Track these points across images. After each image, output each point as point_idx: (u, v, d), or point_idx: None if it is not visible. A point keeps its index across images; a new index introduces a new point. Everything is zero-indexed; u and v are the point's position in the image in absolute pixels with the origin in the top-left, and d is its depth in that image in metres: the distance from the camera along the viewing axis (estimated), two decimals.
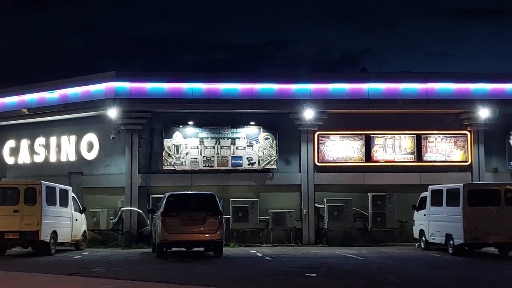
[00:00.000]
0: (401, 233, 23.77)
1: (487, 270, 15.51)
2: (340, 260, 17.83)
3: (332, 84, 24.18)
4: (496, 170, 24.46)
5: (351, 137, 24.38)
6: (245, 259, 18.36)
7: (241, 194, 23.84)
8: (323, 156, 24.27)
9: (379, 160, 24.36)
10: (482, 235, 18.64)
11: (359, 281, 13.56)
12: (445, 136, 24.46)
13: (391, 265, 16.65)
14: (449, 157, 24.40)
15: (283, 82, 24.14)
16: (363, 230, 23.92)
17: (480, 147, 24.28)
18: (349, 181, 24.15)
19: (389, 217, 23.47)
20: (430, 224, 20.88)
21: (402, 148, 24.42)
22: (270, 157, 23.97)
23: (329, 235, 23.59)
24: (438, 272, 15.09)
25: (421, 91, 24.06)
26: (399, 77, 24.73)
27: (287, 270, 15.52)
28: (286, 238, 23.73)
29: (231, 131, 23.99)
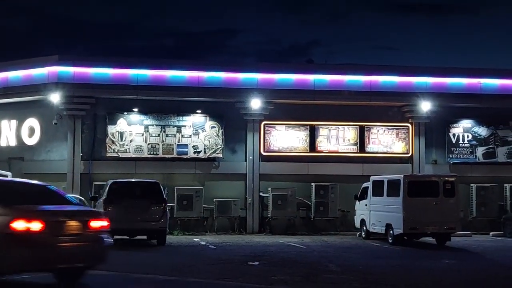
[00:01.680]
0: (342, 223, 24.22)
1: (425, 260, 15.98)
2: (282, 249, 18.04)
3: (279, 74, 24.31)
4: (436, 162, 25.18)
5: (297, 127, 24.61)
6: (189, 248, 18.34)
7: (186, 182, 23.75)
8: (269, 145, 24.43)
9: (323, 151, 24.70)
10: (420, 225, 19.17)
11: (300, 269, 13.77)
12: (387, 128, 25.00)
13: (332, 253, 16.96)
14: (390, 149, 24.96)
15: (230, 71, 24.12)
16: (306, 219, 24.25)
17: (421, 139, 24.94)
18: (294, 170, 24.40)
19: (332, 206, 23.87)
20: (371, 214, 21.34)
21: (346, 139, 24.82)
22: (216, 146, 23.95)
23: (273, 223, 23.81)
24: (377, 261, 15.46)
25: (365, 84, 24.48)
26: (344, 69, 25.09)
27: (230, 258, 15.59)
28: (231, 226, 23.81)
29: (177, 119, 23.83)
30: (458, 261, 15.62)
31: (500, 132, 25.37)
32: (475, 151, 25.20)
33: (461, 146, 25.14)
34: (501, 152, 25.30)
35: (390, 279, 12.50)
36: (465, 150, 25.17)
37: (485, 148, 25.26)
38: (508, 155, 25.32)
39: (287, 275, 12.79)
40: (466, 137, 25.19)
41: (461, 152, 25.16)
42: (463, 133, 25.22)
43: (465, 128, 25.24)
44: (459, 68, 25.93)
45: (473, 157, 25.16)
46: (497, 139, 25.32)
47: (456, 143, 25.13)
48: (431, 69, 25.44)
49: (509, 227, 22.88)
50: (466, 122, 25.29)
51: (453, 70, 25.54)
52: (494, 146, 25.30)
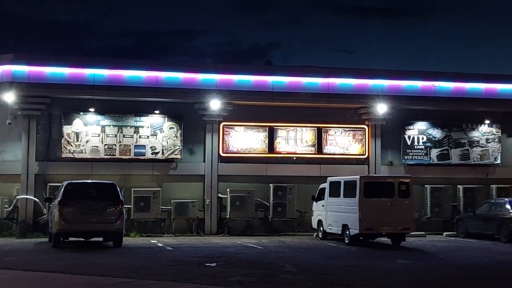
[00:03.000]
0: (300, 223, 24.38)
1: (380, 259, 16.25)
2: (240, 250, 18.08)
3: (238, 75, 24.32)
4: (391, 163, 25.61)
5: (255, 129, 24.68)
6: (145, 249, 18.20)
7: (144, 183, 23.54)
8: (228, 146, 24.43)
9: (281, 152, 24.84)
10: (376, 226, 19.48)
11: (257, 270, 13.83)
12: (345, 130, 25.30)
13: (289, 254, 17.08)
14: (347, 150, 25.27)
15: (189, 72, 24.00)
16: (264, 220, 24.34)
17: (377, 141, 25.32)
18: (252, 171, 24.46)
19: (289, 207, 24.02)
20: (328, 215, 21.56)
21: (304, 140, 25.02)
22: (174, 147, 23.81)
23: (231, 225, 23.82)
24: (333, 262, 15.65)
25: (323, 86, 24.71)
26: (303, 71, 25.28)
27: (187, 259, 15.55)
28: (188, 228, 23.70)
29: (134, 119, 23.59)
30: (412, 261, 15.93)
31: (454, 134, 25.96)
32: (430, 152, 25.72)
33: (416, 148, 25.63)
34: (454, 154, 25.89)
35: (345, 279, 12.67)
36: (420, 152, 25.67)
37: (439, 150, 25.80)
38: (461, 156, 25.93)
39: (243, 276, 12.84)
40: (421, 139, 25.70)
41: (416, 153, 25.65)
42: (418, 135, 25.71)
43: (420, 130, 25.74)
44: (414, 71, 26.39)
45: (428, 159, 25.68)
46: (450, 141, 25.90)
47: (411, 145, 25.61)
48: (386, 72, 25.83)
49: (462, 227, 23.45)
50: (421, 124, 25.78)
51: (408, 73, 25.99)
52: (448, 148, 25.87)
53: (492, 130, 26.15)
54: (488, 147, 26.06)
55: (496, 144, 26.11)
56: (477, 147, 25.99)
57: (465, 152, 25.94)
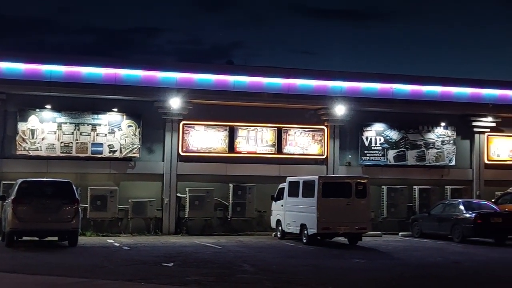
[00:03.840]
0: (259, 223, 24.44)
1: (336, 259, 16.43)
2: (198, 249, 18.03)
3: (199, 74, 24.22)
4: (350, 164, 25.90)
5: (216, 128, 24.63)
6: (102, 249, 17.98)
7: (101, 182, 23.21)
8: (187, 146, 24.32)
9: (241, 152, 24.85)
10: (333, 226, 19.69)
11: (215, 269, 13.83)
12: (304, 130, 25.48)
13: (247, 253, 17.12)
14: (307, 150, 25.46)
15: (149, 69, 23.78)
16: (223, 219, 24.31)
17: (335, 141, 25.57)
18: (212, 171, 24.41)
19: (249, 207, 24.05)
20: (286, 214, 21.68)
21: (264, 140, 25.10)
22: (132, 145, 23.57)
23: (190, 224, 23.72)
24: (291, 261, 15.75)
25: (284, 86, 24.84)
26: (264, 72, 25.34)
27: (144, 259, 15.43)
28: (146, 227, 23.50)
29: (92, 117, 23.26)
30: (368, 260, 16.15)
31: (410, 136, 26.42)
32: (387, 154, 26.12)
33: (374, 149, 26.00)
34: (411, 155, 26.36)
35: (302, 278, 12.78)
36: (377, 153, 26.05)
37: (396, 151, 26.23)
38: (417, 158, 26.40)
39: (201, 275, 12.82)
40: (378, 140, 26.07)
41: (373, 154, 26.01)
42: (375, 136, 26.08)
43: (377, 132, 26.11)
44: (373, 73, 26.76)
45: (385, 160, 26.07)
46: (407, 142, 26.35)
47: (368, 146, 25.95)
48: (346, 74, 26.11)
49: (417, 227, 23.88)
50: (379, 125, 26.16)
51: (367, 75, 26.33)
52: (404, 149, 26.31)
53: (447, 132, 26.72)
54: (443, 149, 26.61)
55: (451, 146, 26.68)
56: (432, 149, 26.51)
57: (421, 153, 26.43)
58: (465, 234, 21.30)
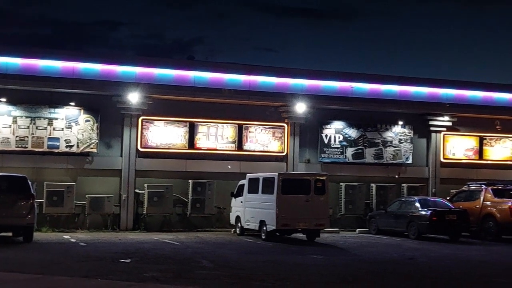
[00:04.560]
0: (218, 219, 24.43)
1: (294, 255, 16.54)
2: (157, 246, 17.90)
3: (159, 69, 24.02)
4: (309, 161, 26.09)
5: (176, 124, 24.48)
6: (58, 245, 17.69)
7: (57, 177, 22.81)
8: (146, 141, 24.10)
9: (201, 148, 24.76)
10: (292, 222, 19.82)
11: (173, 265, 13.76)
12: (265, 127, 25.55)
13: (206, 250, 17.08)
14: (267, 147, 25.53)
15: (108, 63, 23.46)
16: (182, 216, 24.20)
17: (295, 139, 25.72)
18: (171, 167, 24.26)
19: (208, 203, 23.99)
20: (246, 211, 21.72)
21: (224, 137, 25.06)
22: (90, 140, 23.22)
23: (148, 220, 23.52)
24: (249, 257, 15.79)
25: (245, 83, 24.84)
26: (225, 68, 25.29)
27: (102, 255, 15.25)
28: (103, 223, 23.21)
29: (48, 110, 22.82)
30: (325, 256, 16.31)
31: (369, 134, 26.78)
32: (345, 151, 26.41)
33: (333, 147, 26.25)
34: (369, 153, 26.72)
35: (260, 274, 12.82)
36: (336, 151, 26.31)
37: (354, 149, 26.54)
38: (375, 156, 26.78)
39: (159, 272, 12.73)
40: (337, 138, 26.33)
41: (332, 152, 26.27)
42: (334, 134, 26.33)
43: (336, 130, 26.37)
44: (333, 72, 26.99)
45: (343, 157, 26.35)
46: (365, 140, 26.70)
47: (328, 144, 26.19)
48: (306, 71, 26.28)
49: (374, 224, 24.24)
50: (338, 123, 26.42)
51: (327, 73, 26.55)
52: (362, 147, 26.65)
53: (405, 131, 27.17)
54: (400, 147, 27.06)
55: (408, 145, 27.15)
56: (390, 147, 26.93)
57: (378, 151, 26.82)
58: (420, 231, 21.71)
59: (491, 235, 21.74)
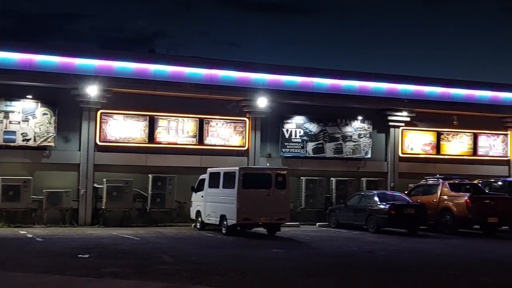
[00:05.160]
0: (179, 214, 24.28)
1: (255, 249, 16.59)
2: (116, 241, 17.70)
3: (119, 62, 23.70)
4: (270, 155, 26.16)
5: (135, 118, 24.21)
6: (14, 240, 17.34)
7: (14, 172, 22.29)
8: (105, 135, 23.77)
9: (162, 142, 24.56)
10: (253, 216, 19.85)
11: (133, 260, 13.63)
12: (226, 122, 25.49)
13: (166, 245, 16.97)
14: (228, 142, 25.49)
15: (66, 56, 23.03)
16: (142, 210, 23.97)
17: (257, 133, 25.75)
18: (131, 161, 24.00)
19: (169, 198, 23.83)
20: (206, 205, 21.65)
21: (185, 131, 24.90)
22: (47, 134, 22.78)
23: (107, 215, 23.22)
24: (210, 251, 15.76)
25: (206, 77, 24.72)
26: (186, 61, 25.11)
27: (59, 251, 15.01)
28: (61, 218, 22.81)
29: (4, 103, 22.25)
30: (286, 250, 16.40)
31: (329, 129, 26.99)
32: (306, 146, 26.56)
33: (293, 141, 26.37)
34: (329, 147, 26.94)
35: (221, 268, 12.81)
36: (297, 145, 26.44)
37: (315, 143, 26.72)
38: (335, 150, 27.01)
39: (118, 267, 12.60)
40: (298, 133, 26.47)
41: (293, 146, 26.39)
42: (295, 128, 26.46)
43: (297, 124, 26.50)
44: (295, 67, 27.12)
45: (304, 152, 26.51)
46: (326, 135, 26.91)
47: (289, 138, 26.30)
48: (268, 66, 26.32)
49: (334, 218, 24.48)
50: (299, 118, 26.55)
51: (289, 68, 26.66)
52: (323, 142, 26.86)
53: (364, 126, 27.48)
54: (360, 142, 27.37)
55: (367, 140, 27.48)
56: (350, 142, 27.20)
57: (338, 146, 27.07)
58: (379, 225, 22.01)
59: (448, 229, 22.19)
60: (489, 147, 29.63)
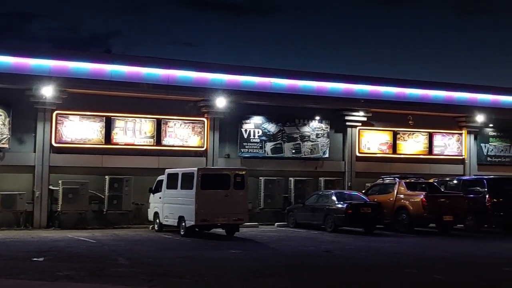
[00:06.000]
0: (136, 216, 24.04)
1: (213, 250, 16.55)
2: (71, 244, 17.44)
3: (75, 62, 23.35)
4: (229, 156, 26.15)
5: (92, 118, 23.88)
6: None
7: None
8: (61, 136, 23.38)
9: (119, 143, 24.28)
10: (211, 217, 19.80)
11: (88, 263, 13.45)
12: (184, 122, 25.37)
13: (123, 247, 16.80)
14: (186, 142, 25.37)
15: (20, 56, 22.59)
16: (99, 212, 23.65)
17: (215, 134, 25.70)
18: (88, 163, 23.67)
19: (126, 199, 23.58)
20: (164, 207, 21.50)
21: (142, 131, 24.69)
22: (1, 136, 22.29)
23: (63, 218, 22.83)
24: (167, 253, 15.66)
25: (163, 77, 24.55)
26: (143, 62, 24.88)
27: (13, 254, 14.72)
28: (16, 221, 22.34)
29: None
30: (244, 251, 16.42)
31: (287, 129, 27.14)
32: (264, 146, 26.65)
33: (252, 141, 26.42)
34: (287, 147, 27.09)
35: (178, 270, 12.75)
36: (256, 145, 26.51)
37: (273, 143, 26.83)
38: (293, 150, 27.16)
39: (73, 270, 12.41)
40: (257, 133, 26.54)
41: (251, 147, 26.44)
42: (254, 129, 26.52)
43: (256, 124, 26.56)
44: (252, 67, 27.18)
45: (263, 152, 26.58)
46: (284, 135, 27.05)
47: (247, 138, 26.34)
48: (226, 66, 26.30)
49: (292, 217, 24.62)
50: (257, 118, 26.61)
51: (246, 68, 26.70)
52: (281, 142, 26.99)
53: (322, 126, 27.72)
54: (318, 142, 27.60)
55: (325, 139, 27.73)
56: (308, 142, 27.41)
57: (297, 146, 27.25)
58: (337, 224, 22.24)
59: (404, 227, 22.53)
60: (444, 147, 30.25)
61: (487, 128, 30.73)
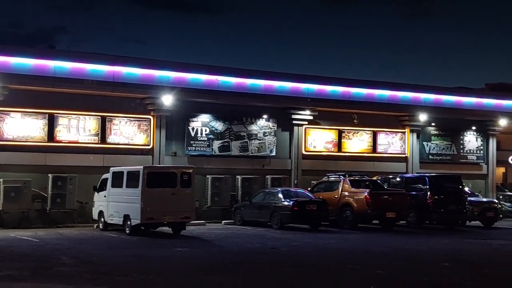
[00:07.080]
0: (80, 214, 23.65)
1: (159, 248, 16.45)
2: (13, 243, 17.03)
3: (16, 58, 22.73)
4: (175, 154, 26.01)
5: (34, 116, 23.33)
6: None
7: None
8: (2, 134, 22.77)
9: (62, 141, 23.81)
10: (158, 216, 19.65)
11: (30, 263, 13.18)
12: (130, 120, 25.08)
13: (67, 246, 16.51)
14: (132, 140, 25.09)
15: None
16: (42, 211, 23.13)
17: (162, 131, 25.51)
18: (30, 161, 23.12)
19: (69, 198, 23.14)
20: (109, 205, 21.22)
21: (87, 129, 24.27)
22: None
23: (4, 217, 22.21)
24: (112, 252, 15.47)
25: (109, 74, 24.18)
26: (87, 58, 24.42)
27: None
28: None
29: None
30: (190, 249, 16.39)
31: (235, 127, 27.20)
32: (212, 144, 26.63)
33: (199, 140, 26.36)
34: (235, 146, 27.15)
35: (123, 269, 12.63)
36: (203, 143, 26.46)
37: (221, 141, 26.84)
38: (241, 148, 27.26)
39: (15, 270, 12.14)
40: (204, 131, 26.49)
41: (199, 145, 26.38)
42: (201, 127, 26.46)
43: (203, 123, 26.51)
44: (200, 65, 27.06)
45: (210, 150, 26.56)
46: (231, 133, 27.10)
47: (194, 136, 26.26)
48: (173, 64, 26.13)
49: (239, 215, 24.70)
50: (205, 116, 26.57)
51: (194, 66, 26.58)
52: (229, 140, 27.03)
53: (269, 124, 27.91)
54: (265, 140, 27.78)
55: (272, 138, 27.93)
56: (255, 140, 27.55)
57: (244, 144, 27.34)
58: (283, 221, 22.45)
59: (348, 224, 22.95)
60: (388, 145, 30.94)
61: (429, 127, 31.62)
